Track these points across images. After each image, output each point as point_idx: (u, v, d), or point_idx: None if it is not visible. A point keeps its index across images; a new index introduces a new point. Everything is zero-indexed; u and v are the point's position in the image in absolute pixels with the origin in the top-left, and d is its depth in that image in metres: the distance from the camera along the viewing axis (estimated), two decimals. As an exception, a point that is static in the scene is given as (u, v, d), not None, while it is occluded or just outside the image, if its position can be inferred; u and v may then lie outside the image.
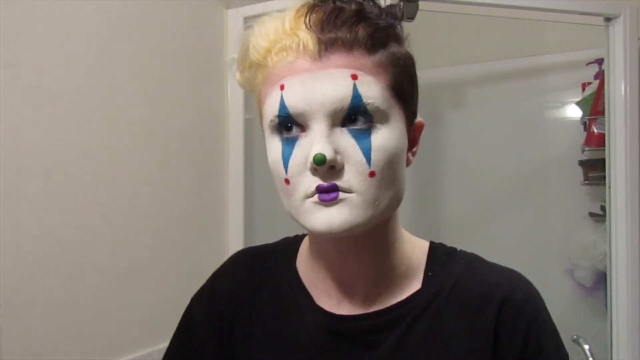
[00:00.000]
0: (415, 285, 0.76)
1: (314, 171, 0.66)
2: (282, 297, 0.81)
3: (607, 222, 1.81)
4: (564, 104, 2.28)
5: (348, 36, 0.67)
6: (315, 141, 0.65)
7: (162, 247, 1.56)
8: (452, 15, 1.94)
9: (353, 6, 0.69)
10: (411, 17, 1.62)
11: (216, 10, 1.80)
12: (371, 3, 0.71)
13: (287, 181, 0.68)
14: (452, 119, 2.45)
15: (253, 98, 0.75)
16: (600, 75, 2.03)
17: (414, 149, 0.77)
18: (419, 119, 0.76)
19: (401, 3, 1.59)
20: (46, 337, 1.28)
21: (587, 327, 1.99)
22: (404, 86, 0.71)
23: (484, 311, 0.73)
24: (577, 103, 2.16)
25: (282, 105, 0.67)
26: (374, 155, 0.66)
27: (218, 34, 1.80)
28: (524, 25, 2.13)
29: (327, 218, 0.66)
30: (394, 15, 0.72)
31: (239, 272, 0.86)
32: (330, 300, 0.77)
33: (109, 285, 1.42)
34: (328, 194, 0.66)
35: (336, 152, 0.65)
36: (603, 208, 1.97)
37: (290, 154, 0.68)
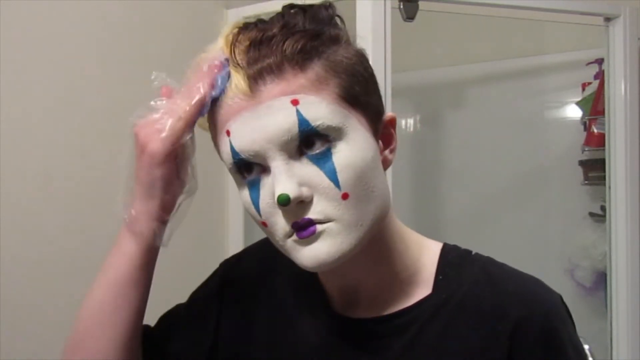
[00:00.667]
0: (424, 290, 0.72)
1: (284, 211, 0.63)
2: (299, 292, 0.79)
3: (607, 222, 1.81)
4: (564, 104, 2.27)
5: (276, 60, 0.62)
6: (276, 180, 0.61)
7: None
8: (452, 15, 1.94)
9: (276, 22, 0.64)
10: (411, 17, 1.62)
11: (216, 10, 1.79)
12: (294, 11, 0.66)
13: (264, 224, 0.65)
14: (452, 119, 2.45)
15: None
16: (600, 75, 2.03)
17: (392, 146, 0.71)
18: (388, 113, 0.70)
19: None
20: (46, 337, 1.28)
21: (587, 327, 1.98)
22: (354, 91, 0.65)
23: (497, 326, 0.68)
24: (577, 103, 2.16)
25: (234, 152, 0.64)
26: (340, 177, 0.62)
27: (218, 34, 1.79)
28: (524, 25, 2.13)
29: (311, 255, 0.63)
30: (319, 20, 0.66)
31: (260, 259, 0.84)
32: (337, 302, 0.75)
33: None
34: (305, 229, 0.62)
35: (301, 184, 0.61)
36: (603, 208, 1.97)
37: (257, 197, 0.64)
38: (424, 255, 0.74)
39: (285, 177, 0.61)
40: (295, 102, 0.62)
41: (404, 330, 0.71)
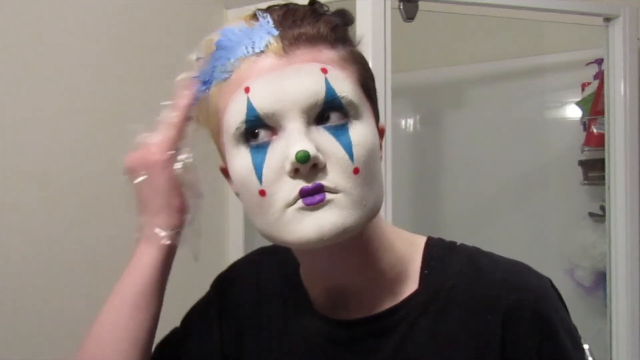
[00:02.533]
0: (411, 286, 0.71)
1: (295, 173, 0.60)
2: (286, 300, 0.78)
3: (606, 222, 1.81)
4: (564, 104, 2.27)
5: (311, 31, 0.64)
6: (293, 139, 0.60)
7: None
8: (452, 15, 1.94)
9: (306, 7, 0.67)
10: (411, 17, 1.62)
11: (216, 10, 1.80)
12: (320, 4, 0.68)
13: (262, 192, 0.62)
14: (452, 119, 2.45)
15: (208, 125, 0.70)
16: (600, 75, 2.03)
17: (379, 154, 0.70)
18: (381, 122, 0.71)
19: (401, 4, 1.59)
20: (46, 337, 1.28)
21: (587, 327, 1.98)
22: (369, 83, 0.68)
23: (487, 316, 0.67)
24: (577, 103, 2.16)
25: (250, 108, 0.62)
26: (355, 151, 0.62)
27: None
28: (524, 25, 2.13)
29: (316, 224, 0.60)
30: (345, 16, 0.69)
31: (252, 269, 0.84)
32: (326, 305, 0.74)
33: (109, 287, 1.42)
34: (313, 196, 0.60)
35: (317, 150, 0.60)
36: (603, 208, 1.97)
37: (262, 161, 0.62)
38: (409, 250, 0.73)
39: (305, 138, 0.60)
40: (324, 71, 0.63)
41: (394, 329, 0.70)
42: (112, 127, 1.43)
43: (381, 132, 0.70)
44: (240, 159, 0.64)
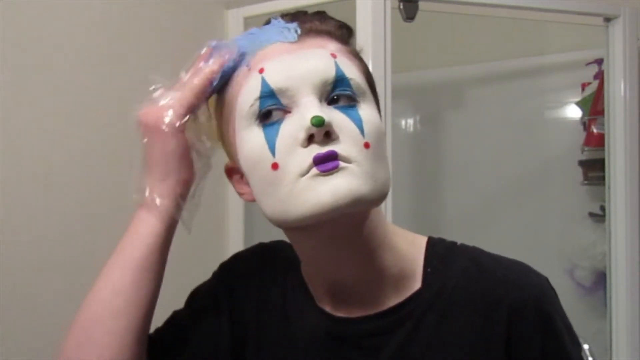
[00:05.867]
0: (414, 284, 0.72)
1: (308, 142, 0.62)
2: (288, 297, 0.78)
3: (606, 222, 1.81)
4: (564, 104, 2.27)
5: (320, 26, 0.70)
6: (307, 109, 0.62)
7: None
8: (452, 15, 1.94)
9: (314, 12, 0.72)
10: (411, 17, 1.62)
11: (216, 10, 1.80)
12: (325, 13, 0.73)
13: (274, 166, 0.63)
14: (452, 119, 2.45)
15: (214, 117, 0.72)
16: (600, 75, 2.03)
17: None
18: None
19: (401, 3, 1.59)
20: (46, 337, 1.28)
21: (587, 327, 1.98)
22: (371, 80, 0.71)
23: (492, 314, 0.68)
24: (577, 103, 2.16)
25: (265, 84, 0.64)
26: (366, 127, 0.64)
27: (218, 34, 1.79)
28: (524, 25, 2.13)
29: (330, 189, 0.61)
30: (347, 26, 0.74)
31: (253, 262, 0.83)
32: (329, 302, 0.74)
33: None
34: (326, 163, 0.61)
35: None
36: (603, 208, 1.97)
37: (275, 135, 0.63)
38: (411, 249, 0.74)
39: (318, 108, 0.63)
40: (334, 56, 0.67)
41: (398, 327, 0.70)
42: (112, 127, 1.43)
43: None
44: (253, 137, 0.65)
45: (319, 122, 0.61)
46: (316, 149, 0.62)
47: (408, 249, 0.74)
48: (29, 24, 1.26)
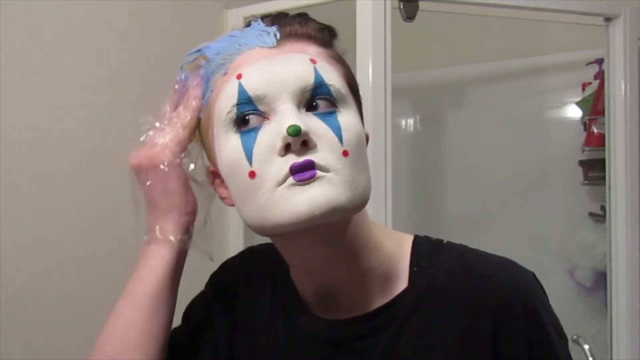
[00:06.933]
0: (401, 284, 0.71)
1: (285, 150, 0.61)
2: (276, 300, 0.78)
3: (607, 222, 1.81)
4: (564, 104, 2.27)
5: (300, 29, 0.69)
6: (285, 116, 0.61)
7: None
8: (452, 15, 1.94)
9: (295, 14, 0.71)
10: (411, 17, 1.62)
11: (216, 10, 1.79)
12: (307, 14, 0.72)
13: (252, 174, 0.62)
14: (452, 119, 2.45)
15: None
16: (600, 75, 2.03)
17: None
18: (366, 129, 0.71)
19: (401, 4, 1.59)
20: (47, 337, 1.28)
21: (587, 327, 1.99)
22: (353, 84, 0.70)
23: (478, 311, 0.68)
24: (577, 103, 2.16)
25: (242, 91, 0.63)
26: (344, 135, 0.63)
27: (218, 34, 1.79)
28: (524, 25, 2.13)
29: (306, 199, 0.60)
30: (330, 28, 0.72)
31: (241, 269, 0.84)
32: (317, 304, 0.74)
33: (109, 286, 1.42)
34: (304, 172, 0.60)
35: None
36: (603, 208, 1.97)
37: (252, 144, 0.63)
38: (397, 249, 0.74)
39: (296, 116, 0.62)
40: (313, 61, 0.66)
41: (386, 327, 0.70)
42: (112, 128, 1.43)
43: (366, 139, 0.70)
44: (231, 144, 0.64)
45: (295, 132, 0.60)
46: (293, 158, 0.61)
47: (394, 248, 0.73)
48: (29, 24, 1.26)
